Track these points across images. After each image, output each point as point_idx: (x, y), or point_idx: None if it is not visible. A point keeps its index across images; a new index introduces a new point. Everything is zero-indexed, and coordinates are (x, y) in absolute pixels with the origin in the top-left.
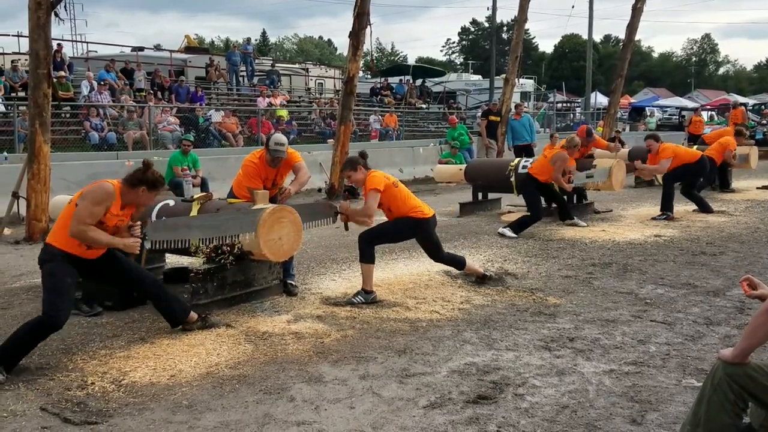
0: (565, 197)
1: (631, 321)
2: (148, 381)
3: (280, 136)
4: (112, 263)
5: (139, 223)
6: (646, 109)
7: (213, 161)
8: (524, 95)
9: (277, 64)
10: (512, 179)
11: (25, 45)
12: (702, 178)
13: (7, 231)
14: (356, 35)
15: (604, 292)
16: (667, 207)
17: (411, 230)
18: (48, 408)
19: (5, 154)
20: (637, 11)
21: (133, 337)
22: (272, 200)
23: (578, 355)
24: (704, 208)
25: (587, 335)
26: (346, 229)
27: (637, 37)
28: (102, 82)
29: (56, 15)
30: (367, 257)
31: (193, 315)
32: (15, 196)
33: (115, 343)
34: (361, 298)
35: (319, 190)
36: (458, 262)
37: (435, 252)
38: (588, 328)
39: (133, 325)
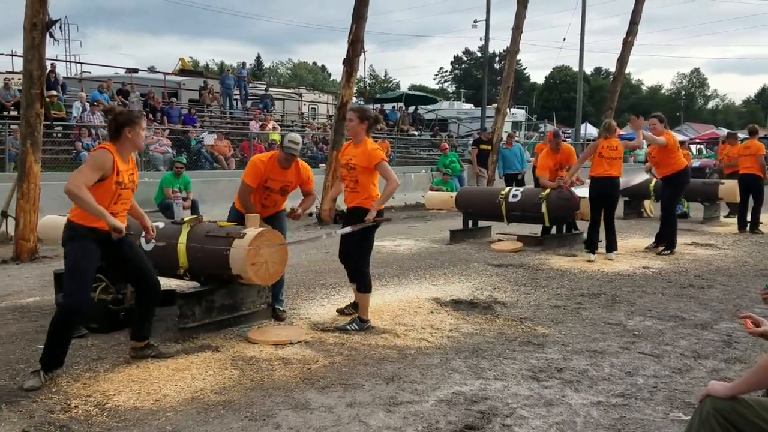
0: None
1: (620, 352)
2: (132, 405)
3: (295, 135)
4: (132, 252)
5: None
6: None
7: (204, 183)
8: (515, 125)
9: (270, 89)
10: (503, 207)
11: (18, 64)
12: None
13: None
14: (350, 62)
15: (592, 322)
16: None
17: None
18: (30, 431)
19: None
20: (627, 45)
21: (118, 360)
22: (268, 220)
23: (566, 386)
24: (671, 240)
25: (575, 366)
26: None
27: (627, 70)
28: (95, 103)
29: (51, 36)
30: (366, 287)
31: (139, 342)
32: (4, 215)
33: (100, 366)
34: (356, 326)
35: (310, 214)
36: (364, 285)
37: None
38: (576, 359)
39: (118, 348)
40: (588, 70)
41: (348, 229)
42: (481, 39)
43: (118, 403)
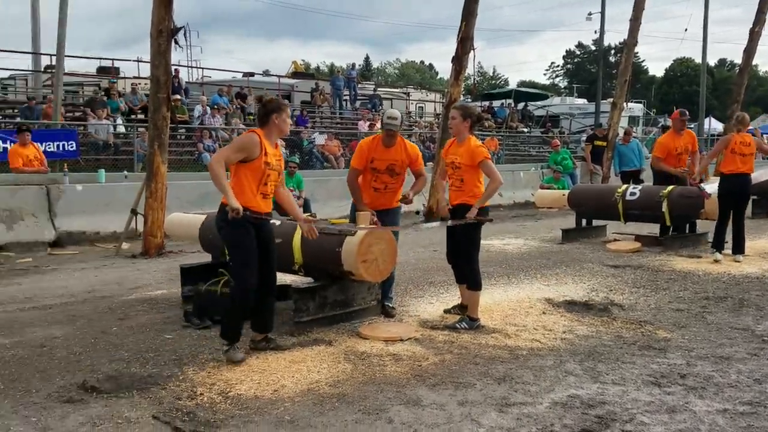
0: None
1: (747, 359)
2: (253, 394)
3: (394, 111)
4: (269, 239)
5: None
6: (764, 136)
7: (315, 182)
8: (632, 119)
9: (378, 89)
10: (619, 206)
11: (144, 69)
12: None
13: (125, 245)
14: (459, 59)
15: (718, 327)
16: None
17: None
18: (160, 416)
19: (125, 172)
20: (755, 35)
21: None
22: (382, 215)
23: (690, 392)
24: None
25: (700, 372)
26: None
27: (754, 62)
28: (215, 106)
29: (176, 42)
30: (476, 284)
31: (259, 334)
32: (133, 212)
33: (223, 356)
34: (466, 325)
35: (417, 212)
36: (473, 283)
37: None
38: (701, 365)
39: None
40: (711, 61)
41: (449, 222)
42: (595, 32)
43: (240, 392)
